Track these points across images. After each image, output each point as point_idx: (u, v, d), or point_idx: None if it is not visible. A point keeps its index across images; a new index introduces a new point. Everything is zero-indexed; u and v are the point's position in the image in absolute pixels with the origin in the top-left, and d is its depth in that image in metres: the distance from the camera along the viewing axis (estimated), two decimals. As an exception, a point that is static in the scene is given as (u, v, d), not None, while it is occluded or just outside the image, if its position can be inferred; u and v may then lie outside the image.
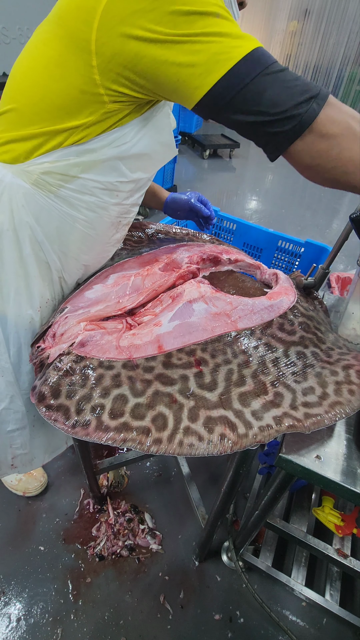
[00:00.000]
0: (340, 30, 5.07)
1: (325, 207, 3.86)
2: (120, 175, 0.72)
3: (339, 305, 1.04)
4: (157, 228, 1.15)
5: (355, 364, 0.70)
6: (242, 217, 2.79)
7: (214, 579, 1.23)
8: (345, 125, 0.55)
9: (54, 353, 0.71)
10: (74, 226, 0.74)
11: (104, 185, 0.71)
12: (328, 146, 0.55)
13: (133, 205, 0.84)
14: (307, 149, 0.56)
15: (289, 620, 1.16)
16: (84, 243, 0.79)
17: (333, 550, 0.92)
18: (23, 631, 1.10)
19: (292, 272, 0.99)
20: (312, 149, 0.56)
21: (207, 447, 0.58)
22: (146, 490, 1.45)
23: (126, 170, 0.72)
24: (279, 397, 0.64)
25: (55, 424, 0.63)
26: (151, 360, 0.68)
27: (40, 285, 0.79)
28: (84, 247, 0.80)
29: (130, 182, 0.75)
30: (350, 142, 0.55)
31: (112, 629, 1.11)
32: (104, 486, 1.44)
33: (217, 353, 0.69)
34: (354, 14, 4.90)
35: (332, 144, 0.55)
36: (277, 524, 0.94)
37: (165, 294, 0.82)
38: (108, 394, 0.64)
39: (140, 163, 0.74)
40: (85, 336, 0.70)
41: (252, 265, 0.97)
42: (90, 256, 0.85)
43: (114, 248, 0.93)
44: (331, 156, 0.56)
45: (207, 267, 0.96)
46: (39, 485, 1.39)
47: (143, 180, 0.80)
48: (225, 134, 5.18)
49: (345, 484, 0.60)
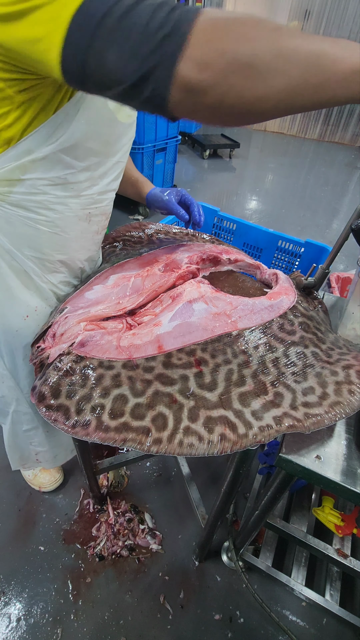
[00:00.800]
0: (340, 30, 5.07)
1: (325, 207, 3.86)
2: (67, 167, 0.67)
3: (339, 305, 1.04)
4: (156, 228, 1.15)
5: (355, 364, 0.70)
6: (242, 217, 2.79)
7: (214, 579, 1.23)
8: (225, 46, 0.39)
9: (54, 353, 0.71)
10: (37, 229, 0.71)
11: (52, 180, 0.67)
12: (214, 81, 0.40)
13: (102, 193, 0.78)
14: (187, 102, 0.42)
15: (289, 620, 1.16)
16: (55, 243, 0.76)
17: (333, 550, 0.92)
18: (23, 631, 1.10)
19: (292, 272, 0.98)
20: (195, 102, 0.42)
21: (207, 447, 0.58)
22: (146, 490, 1.45)
23: (72, 161, 0.67)
24: (279, 397, 0.64)
25: (55, 424, 0.63)
26: (151, 360, 0.68)
27: (26, 294, 0.80)
28: (57, 247, 0.77)
29: (82, 171, 0.70)
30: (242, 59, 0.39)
31: (112, 629, 1.11)
32: (104, 486, 1.44)
33: (217, 353, 0.69)
34: (354, 14, 4.90)
35: (218, 78, 0.39)
36: (277, 524, 0.94)
37: (165, 294, 0.82)
38: (108, 394, 0.64)
39: (87, 148, 0.68)
40: (85, 336, 0.70)
41: (252, 265, 0.97)
42: (69, 255, 0.82)
43: (97, 240, 0.89)
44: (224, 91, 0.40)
45: (207, 267, 0.96)
46: (53, 480, 1.41)
47: (102, 165, 0.74)
48: (225, 134, 5.18)
49: (345, 484, 0.60)
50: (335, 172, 4.81)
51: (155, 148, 2.90)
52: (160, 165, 3.12)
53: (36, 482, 1.41)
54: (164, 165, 3.16)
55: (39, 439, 1.20)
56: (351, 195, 4.16)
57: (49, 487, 1.40)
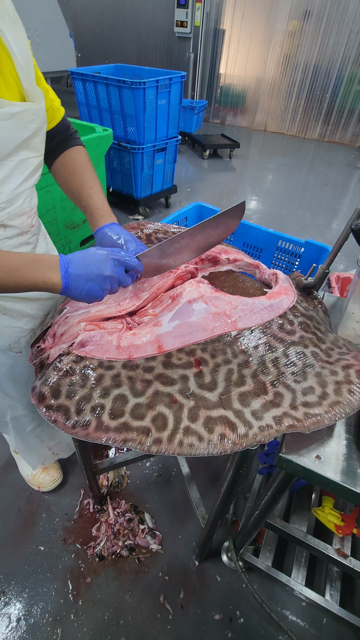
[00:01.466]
0: (340, 30, 5.06)
1: (325, 207, 3.86)
2: None
3: (339, 305, 1.04)
4: (155, 228, 1.15)
5: (355, 363, 0.70)
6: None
7: (214, 579, 1.23)
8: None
9: (54, 353, 0.71)
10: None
11: None
12: None
13: (8, 201, 0.70)
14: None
15: (289, 620, 1.16)
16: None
17: (333, 550, 0.92)
18: (23, 631, 1.10)
19: (292, 272, 0.98)
20: None
21: (207, 447, 0.58)
22: (146, 490, 1.45)
23: None
24: (279, 397, 0.64)
25: (55, 425, 0.63)
26: (151, 360, 0.68)
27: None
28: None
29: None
30: None
31: (112, 629, 1.11)
32: (104, 486, 1.44)
33: (217, 353, 0.69)
34: (354, 14, 4.89)
35: None
36: (277, 524, 0.94)
37: (165, 294, 0.82)
38: (108, 394, 0.64)
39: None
40: (85, 336, 0.70)
41: (251, 265, 0.97)
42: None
43: (24, 239, 0.80)
44: None
45: (206, 267, 0.96)
46: (52, 480, 1.41)
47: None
48: (225, 134, 5.18)
49: (345, 484, 0.60)
50: (335, 172, 4.81)
51: (155, 148, 2.90)
52: (160, 165, 3.12)
53: (35, 482, 1.41)
54: (164, 165, 3.16)
55: (47, 434, 1.21)
56: (351, 195, 4.16)
57: (48, 486, 1.40)
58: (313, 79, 5.61)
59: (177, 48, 5.99)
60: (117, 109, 2.73)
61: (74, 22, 6.52)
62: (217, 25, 5.73)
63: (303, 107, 5.91)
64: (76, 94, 2.98)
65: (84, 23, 6.61)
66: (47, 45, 3.67)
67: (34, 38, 3.58)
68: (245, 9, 5.48)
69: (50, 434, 1.23)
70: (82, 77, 2.80)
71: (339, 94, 5.58)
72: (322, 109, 5.80)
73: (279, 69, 5.74)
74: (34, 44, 3.66)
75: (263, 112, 6.23)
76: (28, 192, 0.76)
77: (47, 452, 1.29)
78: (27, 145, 0.69)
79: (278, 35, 5.49)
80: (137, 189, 3.11)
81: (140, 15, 6.02)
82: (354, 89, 5.45)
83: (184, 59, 5.95)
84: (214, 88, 6.32)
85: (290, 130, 6.23)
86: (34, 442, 1.22)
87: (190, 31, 5.52)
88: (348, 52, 5.23)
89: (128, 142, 2.84)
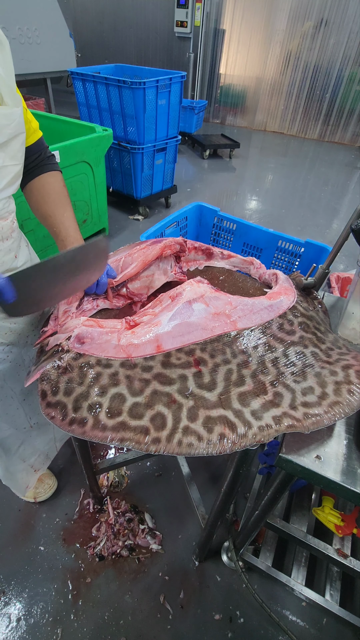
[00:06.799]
0: (340, 30, 5.07)
1: (325, 207, 3.86)
2: None
3: (339, 305, 1.04)
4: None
5: (355, 364, 0.70)
6: (242, 217, 2.79)
7: (214, 579, 1.23)
8: None
9: (52, 342, 0.71)
10: None
11: None
12: None
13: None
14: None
15: (289, 620, 1.16)
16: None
17: (333, 550, 0.92)
18: (23, 631, 1.10)
19: (292, 272, 0.98)
20: None
21: (207, 446, 0.58)
22: (146, 490, 1.44)
23: None
24: (279, 397, 0.64)
25: (52, 421, 0.63)
26: (150, 360, 0.68)
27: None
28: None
29: None
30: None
31: (112, 629, 1.11)
32: (104, 486, 1.44)
33: (216, 353, 0.68)
34: (353, 14, 4.89)
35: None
36: (277, 524, 0.94)
37: (164, 294, 0.82)
38: (105, 392, 0.64)
39: None
40: (82, 331, 0.70)
41: (246, 261, 0.98)
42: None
43: (5, 246, 0.81)
44: None
45: (200, 260, 0.96)
46: (47, 488, 1.39)
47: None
48: (225, 134, 5.18)
49: (345, 484, 0.60)
50: (335, 172, 4.81)
51: (155, 148, 2.90)
52: (160, 165, 3.12)
53: (30, 495, 1.37)
54: (164, 165, 3.16)
55: (29, 450, 1.20)
56: (351, 195, 4.16)
57: (44, 495, 1.38)
58: (313, 79, 5.61)
59: (177, 48, 5.99)
60: (117, 109, 2.74)
61: (74, 22, 6.52)
62: (217, 25, 5.73)
63: (303, 107, 5.91)
64: (76, 94, 2.98)
65: (84, 23, 6.62)
66: (47, 45, 3.66)
67: (34, 38, 3.57)
68: (245, 9, 5.48)
69: (31, 447, 1.21)
70: (82, 77, 2.81)
71: (339, 94, 5.58)
72: (322, 109, 5.80)
73: (279, 68, 5.74)
74: (34, 44, 3.65)
75: (263, 112, 6.23)
76: (6, 200, 0.76)
77: (30, 472, 1.27)
78: (3, 149, 0.69)
79: (278, 35, 5.49)
80: (137, 189, 3.11)
81: (140, 15, 6.03)
82: (354, 89, 5.45)
83: (184, 59, 5.96)
84: (214, 88, 6.32)
85: (290, 130, 6.23)
86: (18, 466, 1.21)
87: (190, 31, 5.52)
88: (348, 52, 5.23)
89: (128, 142, 2.85)
